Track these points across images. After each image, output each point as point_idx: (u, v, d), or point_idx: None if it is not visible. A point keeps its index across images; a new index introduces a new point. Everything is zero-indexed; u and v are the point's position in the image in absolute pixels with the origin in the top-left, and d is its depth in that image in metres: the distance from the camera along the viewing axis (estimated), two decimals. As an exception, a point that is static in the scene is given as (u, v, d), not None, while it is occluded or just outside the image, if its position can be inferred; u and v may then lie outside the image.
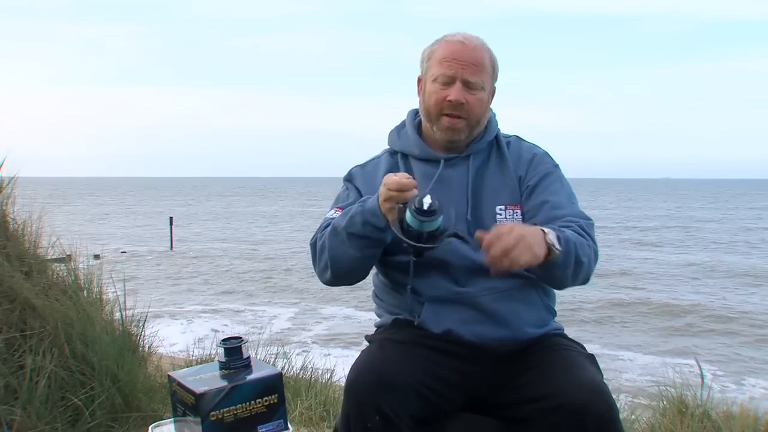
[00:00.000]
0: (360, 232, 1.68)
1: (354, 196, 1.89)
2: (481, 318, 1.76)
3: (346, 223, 1.70)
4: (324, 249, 1.77)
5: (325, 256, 1.76)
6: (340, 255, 1.74)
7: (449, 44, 1.84)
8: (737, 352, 12.69)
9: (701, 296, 18.60)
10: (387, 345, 1.74)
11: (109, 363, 2.83)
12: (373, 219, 1.66)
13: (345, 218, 1.71)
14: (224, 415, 1.58)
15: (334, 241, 1.73)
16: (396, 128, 1.99)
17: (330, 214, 1.85)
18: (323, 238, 1.78)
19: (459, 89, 1.80)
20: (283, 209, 62.02)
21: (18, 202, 3.26)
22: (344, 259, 1.74)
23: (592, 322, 14.95)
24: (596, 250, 1.75)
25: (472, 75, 1.80)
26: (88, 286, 3.29)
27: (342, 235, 1.71)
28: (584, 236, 1.72)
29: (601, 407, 1.56)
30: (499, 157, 1.90)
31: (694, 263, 25.36)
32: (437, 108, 1.83)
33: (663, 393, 3.31)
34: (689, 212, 60.20)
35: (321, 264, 1.79)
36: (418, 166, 1.89)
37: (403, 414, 1.59)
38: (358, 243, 1.70)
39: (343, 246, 1.72)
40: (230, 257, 25.63)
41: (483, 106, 1.85)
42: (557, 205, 1.80)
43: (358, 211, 1.69)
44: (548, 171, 1.87)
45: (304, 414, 3.37)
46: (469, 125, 1.84)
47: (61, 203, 55.55)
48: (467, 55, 1.81)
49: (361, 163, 1.98)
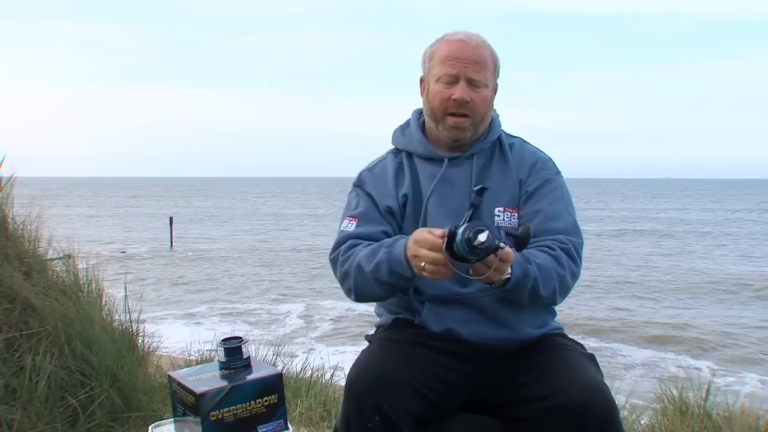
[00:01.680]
0: (386, 280, 1.68)
1: (365, 202, 1.87)
2: (481, 318, 1.76)
3: (372, 268, 1.69)
4: (348, 277, 1.77)
5: (350, 284, 1.77)
6: (367, 290, 1.76)
7: (451, 43, 1.84)
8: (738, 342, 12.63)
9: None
10: (387, 345, 1.74)
11: (108, 363, 2.82)
12: (399, 269, 1.64)
13: (371, 262, 1.69)
14: (224, 415, 1.58)
15: (359, 277, 1.73)
16: (400, 127, 1.99)
17: (345, 226, 1.85)
18: (345, 267, 1.77)
19: (463, 87, 1.80)
20: (283, 209, 62.06)
21: (17, 202, 3.25)
22: (372, 294, 1.78)
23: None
24: (575, 272, 1.76)
25: (475, 73, 1.80)
26: (88, 285, 3.28)
27: (368, 275, 1.70)
28: (560, 264, 1.72)
29: (602, 407, 1.56)
30: (501, 158, 1.90)
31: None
32: (442, 107, 1.83)
33: (664, 393, 3.31)
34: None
35: (344, 286, 1.81)
36: (422, 165, 1.90)
37: (403, 414, 1.59)
38: (384, 286, 1.71)
39: (368, 284, 1.73)
40: (230, 257, 25.62)
41: (487, 104, 1.85)
42: (552, 216, 1.80)
43: (383, 258, 1.67)
44: (549, 178, 1.87)
45: (304, 414, 3.37)
46: (474, 123, 1.84)
47: (61, 203, 55.56)
48: (469, 53, 1.81)
49: (369, 166, 1.97)
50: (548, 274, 1.69)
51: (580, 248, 1.79)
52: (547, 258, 1.71)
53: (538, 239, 1.75)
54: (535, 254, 1.71)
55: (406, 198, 1.86)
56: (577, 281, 1.79)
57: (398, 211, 1.86)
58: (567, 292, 1.78)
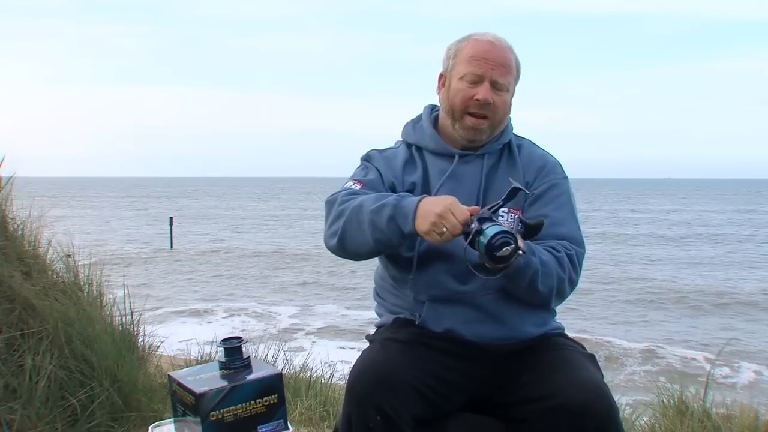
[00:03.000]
0: (382, 225, 1.65)
1: (373, 174, 1.87)
2: (481, 317, 1.76)
3: (375, 207, 1.66)
4: (340, 217, 1.73)
5: (339, 225, 1.73)
6: (353, 233, 1.71)
7: (479, 43, 1.83)
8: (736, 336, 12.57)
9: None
10: (388, 345, 1.74)
11: (108, 363, 2.82)
12: (401, 220, 1.63)
13: (376, 202, 1.67)
14: (224, 415, 1.58)
15: (354, 217, 1.70)
16: (412, 121, 1.99)
17: (349, 185, 1.83)
18: (344, 206, 1.73)
19: (487, 89, 1.80)
20: (283, 209, 62.04)
21: (17, 202, 3.25)
22: (356, 239, 1.72)
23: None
24: (573, 280, 1.76)
25: (500, 76, 1.80)
26: (88, 285, 3.28)
27: (364, 216, 1.68)
28: (562, 266, 1.73)
29: (602, 407, 1.56)
30: (510, 159, 1.90)
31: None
32: (463, 106, 1.82)
33: (663, 392, 3.30)
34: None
35: (332, 228, 1.76)
36: (432, 160, 1.89)
37: (404, 414, 1.59)
38: (374, 233, 1.67)
39: (360, 227, 1.69)
40: (230, 257, 25.62)
41: (507, 108, 1.86)
42: (557, 221, 1.81)
43: (390, 203, 1.65)
44: (556, 182, 1.87)
45: (304, 414, 3.37)
46: (491, 126, 1.84)
47: (61, 203, 55.48)
48: (497, 55, 1.81)
49: (379, 148, 1.96)
50: (549, 271, 1.70)
51: (581, 257, 1.80)
52: (550, 257, 1.72)
53: (542, 241, 1.75)
54: (540, 250, 1.72)
55: (414, 186, 1.85)
56: (574, 290, 1.80)
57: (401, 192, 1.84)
58: (563, 297, 1.79)
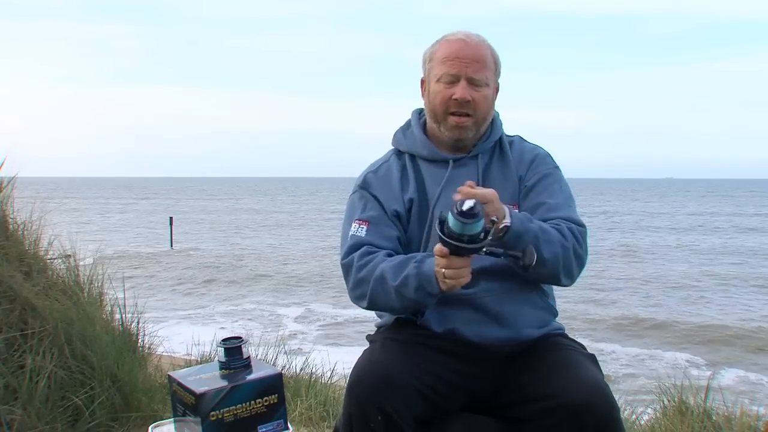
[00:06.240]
0: (411, 296, 1.67)
1: (373, 205, 1.85)
2: (482, 318, 1.76)
3: (399, 282, 1.67)
4: (363, 284, 1.75)
5: (365, 290, 1.75)
6: (381, 302, 1.75)
7: (450, 43, 1.84)
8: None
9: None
10: (389, 345, 1.74)
11: (108, 363, 2.82)
12: (427, 285, 1.63)
13: (398, 276, 1.67)
14: (224, 415, 1.58)
15: (379, 288, 1.71)
16: (401, 129, 1.98)
17: (355, 230, 1.82)
18: (363, 273, 1.74)
19: (464, 87, 1.80)
20: (282, 209, 62.05)
21: (18, 202, 3.25)
22: (387, 304, 1.76)
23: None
24: (579, 254, 1.74)
25: (475, 72, 1.80)
26: (88, 286, 3.28)
27: (389, 288, 1.69)
28: (564, 236, 1.71)
29: (602, 407, 1.56)
30: (501, 157, 1.90)
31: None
32: (443, 107, 1.82)
33: (664, 393, 3.30)
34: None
35: (357, 292, 1.78)
36: (426, 167, 1.89)
37: (406, 414, 1.59)
38: (403, 301, 1.69)
39: (387, 296, 1.71)
40: (230, 257, 25.61)
41: (488, 103, 1.85)
42: (553, 207, 1.81)
43: (412, 273, 1.66)
44: (548, 172, 1.87)
45: (304, 414, 3.37)
46: (476, 123, 1.84)
47: (61, 203, 55.50)
48: (469, 52, 1.81)
49: (373, 168, 1.94)
50: (551, 239, 1.68)
51: (584, 234, 1.78)
52: (552, 229, 1.71)
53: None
54: (538, 221, 1.71)
55: (412, 202, 1.85)
56: (582, 269, 1.78)
57: (404, 215, 1.85)
58: (571, 274, 1.75)
